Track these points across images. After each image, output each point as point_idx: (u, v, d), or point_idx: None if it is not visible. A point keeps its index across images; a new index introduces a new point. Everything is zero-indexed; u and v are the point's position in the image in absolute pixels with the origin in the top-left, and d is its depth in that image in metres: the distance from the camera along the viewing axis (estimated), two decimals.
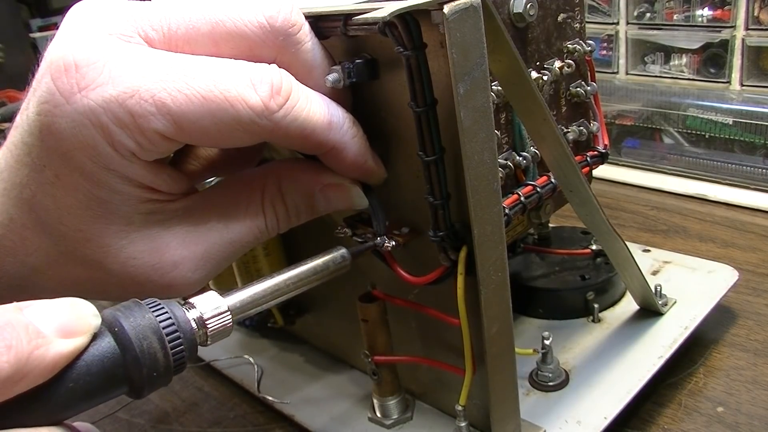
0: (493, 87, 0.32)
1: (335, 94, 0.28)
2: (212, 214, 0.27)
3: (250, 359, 0.46)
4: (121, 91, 0.23)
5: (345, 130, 0.27)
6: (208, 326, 0.24)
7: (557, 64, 0.37)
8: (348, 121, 0.28)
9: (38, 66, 0.24)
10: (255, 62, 0.25)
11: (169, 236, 0.26)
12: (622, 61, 0.71)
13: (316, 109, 0.26)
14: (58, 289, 0.28)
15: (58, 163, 0.24)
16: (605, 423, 0.34)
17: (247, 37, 0.25)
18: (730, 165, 0.64)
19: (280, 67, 0.26)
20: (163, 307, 0.22)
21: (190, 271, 0.27)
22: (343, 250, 0.29)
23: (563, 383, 0.37)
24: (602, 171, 0.68)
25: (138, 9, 0.25)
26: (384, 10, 0.24)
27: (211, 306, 0.24)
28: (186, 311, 0.23)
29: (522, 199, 0.34)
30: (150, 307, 0.22)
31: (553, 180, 0.36)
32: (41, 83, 0.23)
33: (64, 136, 0.23)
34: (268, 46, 0.26)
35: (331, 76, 0.28)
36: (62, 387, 0.19)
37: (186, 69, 0.23)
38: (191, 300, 0.24)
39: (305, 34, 0.26)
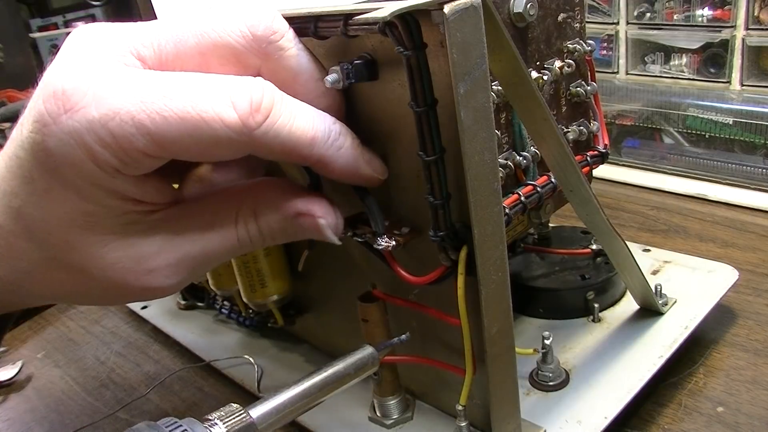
0: (493, 87, 0.32)
1: (326, 101, 0.29)
2: (189, 226, 0.28)
3: (250, 359, 0.46)
4: (103, 113, 0.24)
5: (330, 143, 0.27)
6: None
7: (557, 63, 0.37)
8: (335, 133, 0.28)
9: (39, 69, 0.26)
10: (242, 71, 0.26)
11: (147, 245, 0.27)
12: (622, 61, 0.71)
13: (299, 124, 0.26)
14: (45, 292, 0.29)
15: (47, 178, 0.25)
16: (605, 423, 0.34)
17: (231, 46, 0.26)
18: (730, 165, 0.64)
19: (266, 76, 0.27)
20: (181, 425, 0.22)
21: (166, 278, 0.28)
22: (370, 350, 0.29)
23: (563, 383, 0.37)
24: (602, 171, 0.68)
25: (130, 30, 0.26)
26: (384, 10, 0.24)
27: (233, 421, 0.23)
28: (208, 429, 0.22)
29: (522, 198, 0.34)
30: (168, 427, 0.21)
31: (553, 180, 0.36)
32: (35, 104, 0.25)
33: (53, 154, 0.24)
34: (252, 55, 0.26)
35: (331, 77, 0.28)
36: None
37: (166, 89, 0.24)
38: (212, 415, 0.23)
39: (288, 40, 0.27)
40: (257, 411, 0.24)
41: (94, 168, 0.24)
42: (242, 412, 0.24)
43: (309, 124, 0.27)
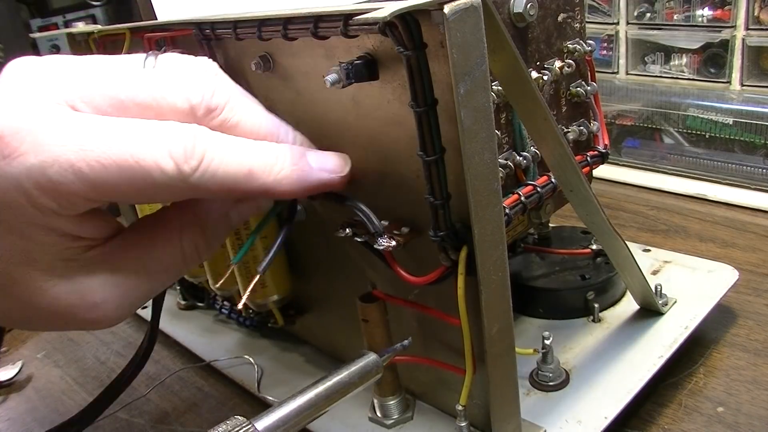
0: (493, 87, 0.32)
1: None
2: (131, 257, 0.28)
3: (250, 359, 0.46)
4: (42, 159, 0.24)
5: (269, 171, 0.27)
6: None
7: (557, 63, 0.37)
8: (280, 158, 0.28)
9: None
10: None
11: (90, 280, 0.27)
12: (622, 61, 0.71)
13: (233, 161, 0.26)
14: None
15: None
16: (605, 423, 0.34)
17: (165, 117, 0.26)
18: (730, 165, 0.64)
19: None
20: None
21: (112, 311, 0.28)
22: (373, 357, 0.29)
23: (564, 383, 0.37)
24: (602, 171, 0.68)
25: (68, 77, 0.26)
26: (384, 10, 0.24)
27: None
28: None
29: (522, 199, 0.34)
30: None
31: (553, 180, 0.36)
32: None
33: None
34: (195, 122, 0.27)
35: (330, 77, 0.28)
36: None
37: (105, 137, 0.24)
38: (218, 429, 0.24)
39: (230, 110, 0.28)
40: (262, 423, 0.24)
41: (32, 210, 0.25)
42: (247, 424, 0.24)
43: (244, 158, 0.27)
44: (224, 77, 0.30)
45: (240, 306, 0.31)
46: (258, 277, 0.30)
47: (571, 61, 0.37)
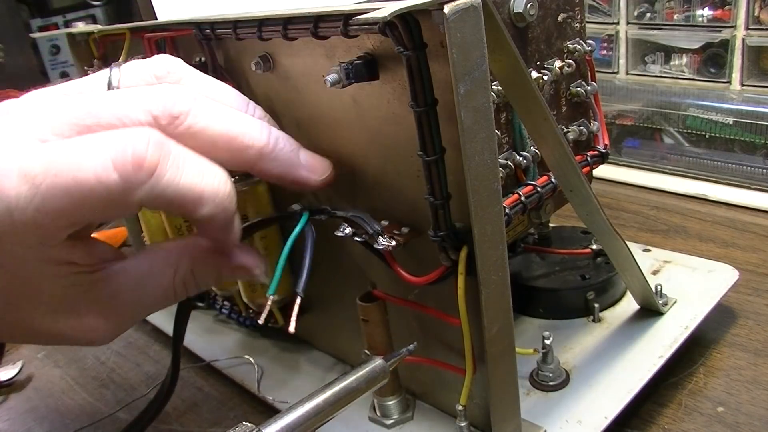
0: (493, 87, 0.32)
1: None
2: (128, 285, 0.29)
3: (250, 359, 0.46)
4: (5, 197, 0.24)
5: (219, 202, 0.27)
6: None
7: (557, 63, 0.37)
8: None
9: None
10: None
11: (88, 305, 0.28)
12: (622, 61, 0.71)
13: (187, 182, 0.25)
14: None
15: None
16: (605, 423, 0.34)
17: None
18: (730, 165, 0.64)
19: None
20: None
21: (107, 332, 0.29)
22: (380, 361, 0.29)
23: (564, 383, 0.37)
24: (602, 171, 0.68)
25: (39, 115, 0.25)
26: (384, 10, 0.24)
27: None
28: None
29: (522, 198, 0.34)
30: None
31: (553, 180, 0.36)
32: None
33: None
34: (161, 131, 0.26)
35: (330, 77, 0.28)
36: None
37: (48, 160, 0.24)
38: None
39: (194, 116, 0.27)
40: (271, 430, 0.24)
41: (21, 248, 0.25)
42: (255, 431, 0.24)
43: (198, 180, 0.26)
44: (190, 77, 0.30)
45: (292, 329, 0.30)
46: (299, 299, 0.30)
47: (571, 61, 0.37)
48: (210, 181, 0.26)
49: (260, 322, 0.31)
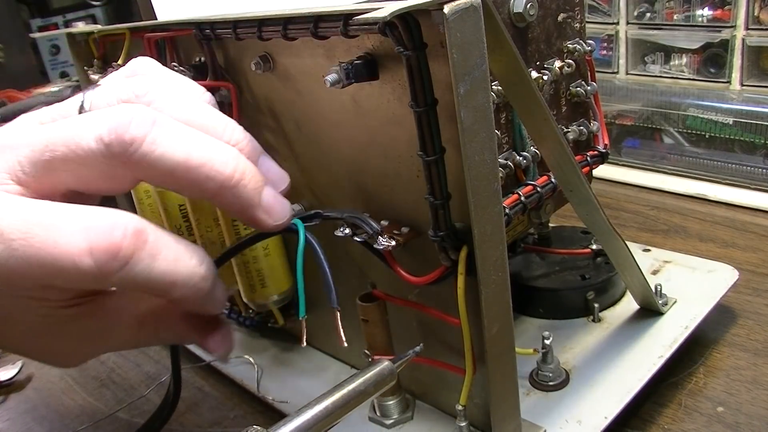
0: (493, 87, 0.32)
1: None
2: (99, 323, 0.30)
3: (250, 359, 0.46)
4: None
5: (192, 285, 0.27)
6: None
7: (557, 63, 0.37)
8: (194, 279, 0.27)
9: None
10: (113, 184, 0.26)
11: (63, 335, 0.29)
12: (622, 61, 0.71)
13: (159, 271, 0.25)
14: None
15: None
16: (605, 423, 0.34)
17: (90, 164, 0.25)
18: (730, 165, 0.64)
19: (140, 179, 0.26)
20: None
21: (78, 358, 0.31)
22: (387, 364, 0.29)
23: (564, 383, 0.37)
24: (602, 171, 0.68)
25: (10, 153, 0.25)
26: (384, 10, 0.24)
27: None
28: None
29: (522, 198, 0.34)
30: None
31: (553, 180, 0.36)
32: None
33: None
34: (115, 167, 0.25)
35: (330, 77, 0.28)
36: None
37: (29, 223, 0.24)
38: None
39: (151, 143, 0.25)
40: None
41: None
42: None
43: (172, 267, 0.26)
44: (161, 88, 0.28)
45: (344, 343, 0.30)
46: (339, 314, 0.30)
47: (571, 61, 0.37)
48: (185, 266, 0.26)
49: (302, 344, 0.32)
